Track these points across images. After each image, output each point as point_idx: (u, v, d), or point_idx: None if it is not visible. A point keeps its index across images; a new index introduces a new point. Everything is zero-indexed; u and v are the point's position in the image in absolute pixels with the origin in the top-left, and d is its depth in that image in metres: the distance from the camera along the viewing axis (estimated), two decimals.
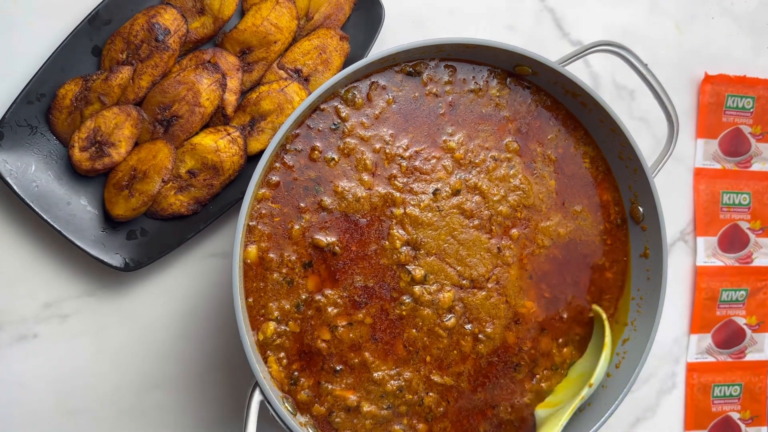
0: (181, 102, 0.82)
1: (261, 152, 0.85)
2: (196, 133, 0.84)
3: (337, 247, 0.76)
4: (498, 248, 0.80)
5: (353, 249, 0.76)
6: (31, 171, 0.82)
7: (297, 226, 0.75)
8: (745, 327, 1.02)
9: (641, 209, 0.81)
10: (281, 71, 0.86)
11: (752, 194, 1.02)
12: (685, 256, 1.01)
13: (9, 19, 0.85)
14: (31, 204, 0.81)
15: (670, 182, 1.00)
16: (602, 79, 0.98)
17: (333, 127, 0.76)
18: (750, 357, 1.02)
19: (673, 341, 1.00)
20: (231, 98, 0.84)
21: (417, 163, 0.78)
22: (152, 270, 0.89)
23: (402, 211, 0.77)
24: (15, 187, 0.80)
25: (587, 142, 0.83)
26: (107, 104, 0.82)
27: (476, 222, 0.79)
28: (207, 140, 0.83)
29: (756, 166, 1.02)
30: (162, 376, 0.89)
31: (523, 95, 0.81)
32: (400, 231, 0.77)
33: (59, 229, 0.81)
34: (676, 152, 0.99)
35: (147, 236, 0.85)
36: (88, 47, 0.83)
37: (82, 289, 0.87)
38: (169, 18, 0.82)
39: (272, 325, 0.75)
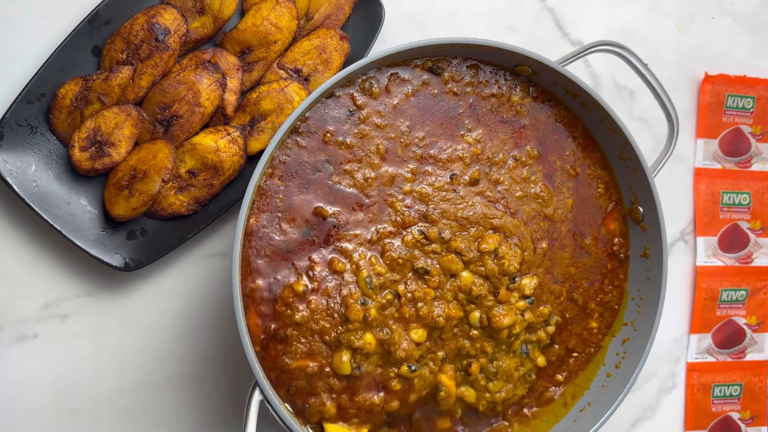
0: (181, 102, 0.82)
1: (261, 152, 0.85)
2: (196, 133, 0.84)
3: (339, 218, 0.74)
4: (535, 248, 0.79)
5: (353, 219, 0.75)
6: (31, 171, 0.82)
7: (301, 198, 0.74)
8: (745, 327, 1.02)
9: (641, 209, 0.81)
10: (281, 71, 0.86)
11: (752, 194, 1.02)
12: (685, 256, 1.01)
13: (9, 19, 0.85)
14: (31, 204, 0.81)
15: (670, 182, 1.00)
16: (602, 79, 0.98)
17: (348, 113, 0.76)
18: (750, 357, 1.02)
19: (673, 341, 1.00)
20: (231, 98, 0.84)
21: (433, 151, 0.77)
22: (152, 270, 0.89)
23: (411, 188, 0.76)
24: (15, 187, 0.80)
25: (603, 165, 0.82)
26: (107, 104, 0.82)
27: (501, 209, 0.78)
28: (207, 140, 0.83)
29: (756, 166, 1.02)
30: (162, 376, 0.89)
31: (544, 108, 0.80)
32: (407, 201, 0.76)
33: (59, 229, 0.81)
34: (676, 152, 0.99)
35: (147, 236, 0.85)
36: (88, 47, 0.83)
37: (82, 289, 0.87)
38: (169, 18, 0.82)
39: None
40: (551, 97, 0.81)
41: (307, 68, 0.86)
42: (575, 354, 0.83)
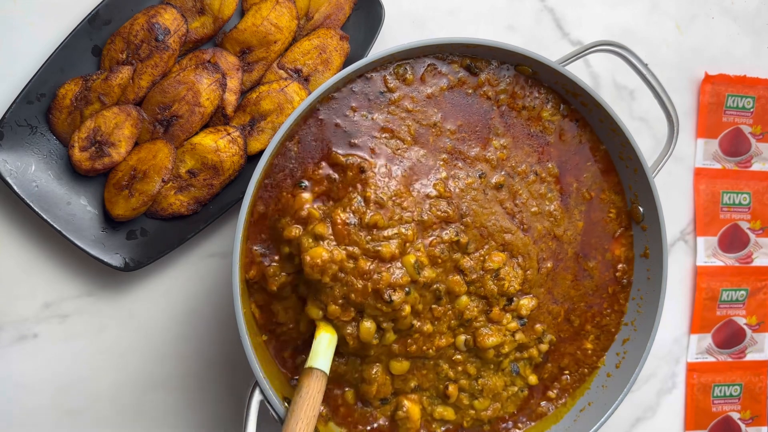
0: (181, 102, 0.82)
1: (261, 152, 0.85)
2: (196, 133, 0.84)
3: (365, 163, 0.72)
4: (539, 267, 0.79)
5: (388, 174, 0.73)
6: (31, 171, 0.82)
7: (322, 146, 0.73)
8: (745, 327, 1.02)
9: (641, 209, 0.81)
10: (281, 71, 0.86)
11: (752, 194, 1.02)
12: (685, 256, 1.01)
13: (9, 19, 0.85)
14: (31, 204, 0.81)
15: (670, 182, 1.00)
16: (602, 79, 0.98)
17: (380, 93, 0.75)
18: (750, 357, 1.02)
19: (673, 341, 1.00)
20: (231, 98, 0.84)
21: (462, 147, 0.77)
22: (152, 270, 0.89)
23: (446, 174, 0.75)
24: (15, 187, 0.80)
25: (618, 191, 0.82)
26: (107, 104, 0.82)
27: (516, 223, 0.78)
28: (207, 140, 0.83)
29: (756, 166, 1.02)
30: (162, 376, 0.89)
31: (572, 127, 0.80)
32: (448, 185, 0.75)
33: (59, 229, 0.81)
34: (676, 152, 0.99)
35: (147, 236, 0.85)
36: (88, 47, 0.83)
37: (82, 289, 0.87)
38: (169, 18, 0.82)
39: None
40: (580, 117, 0.81)
41: (307, 68, 0.86)
42: (567, 372, 0.83)
